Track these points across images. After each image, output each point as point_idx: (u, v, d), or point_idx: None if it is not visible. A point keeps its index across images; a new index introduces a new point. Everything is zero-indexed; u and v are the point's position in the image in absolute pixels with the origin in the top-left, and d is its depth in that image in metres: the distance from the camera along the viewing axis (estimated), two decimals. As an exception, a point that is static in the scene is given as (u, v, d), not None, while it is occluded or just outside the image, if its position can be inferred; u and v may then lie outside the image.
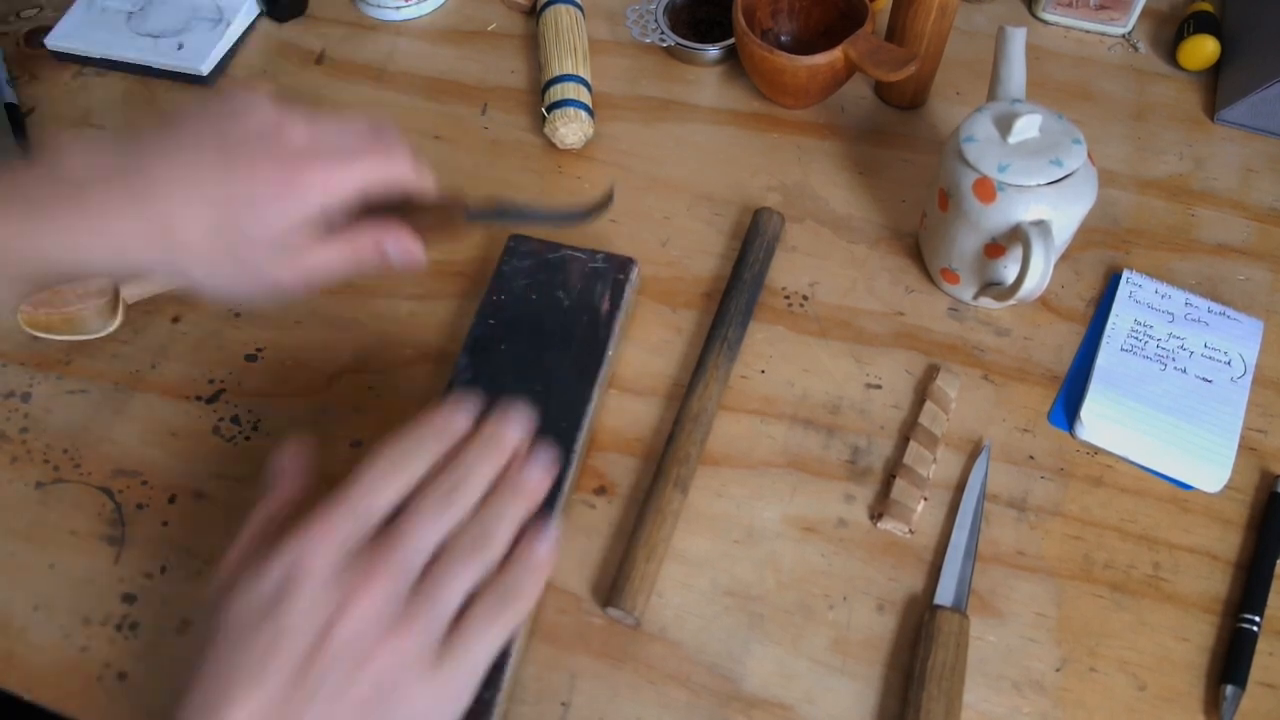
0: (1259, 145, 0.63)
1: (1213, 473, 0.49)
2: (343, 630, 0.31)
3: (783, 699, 0.43)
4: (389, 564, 0.32)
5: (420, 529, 0.33)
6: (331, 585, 0.31)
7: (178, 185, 0.37)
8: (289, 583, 0.31)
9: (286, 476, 0.38)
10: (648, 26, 0.68)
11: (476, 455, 0.36)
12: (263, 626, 0.30)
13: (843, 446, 0.50)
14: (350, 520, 0.33)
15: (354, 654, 0.31)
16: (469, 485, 0.35)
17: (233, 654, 0.30)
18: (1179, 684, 0.44)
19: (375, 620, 0.31)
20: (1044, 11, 0.70)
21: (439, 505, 0.34)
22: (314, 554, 0.31)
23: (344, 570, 0.32)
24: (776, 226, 0.57)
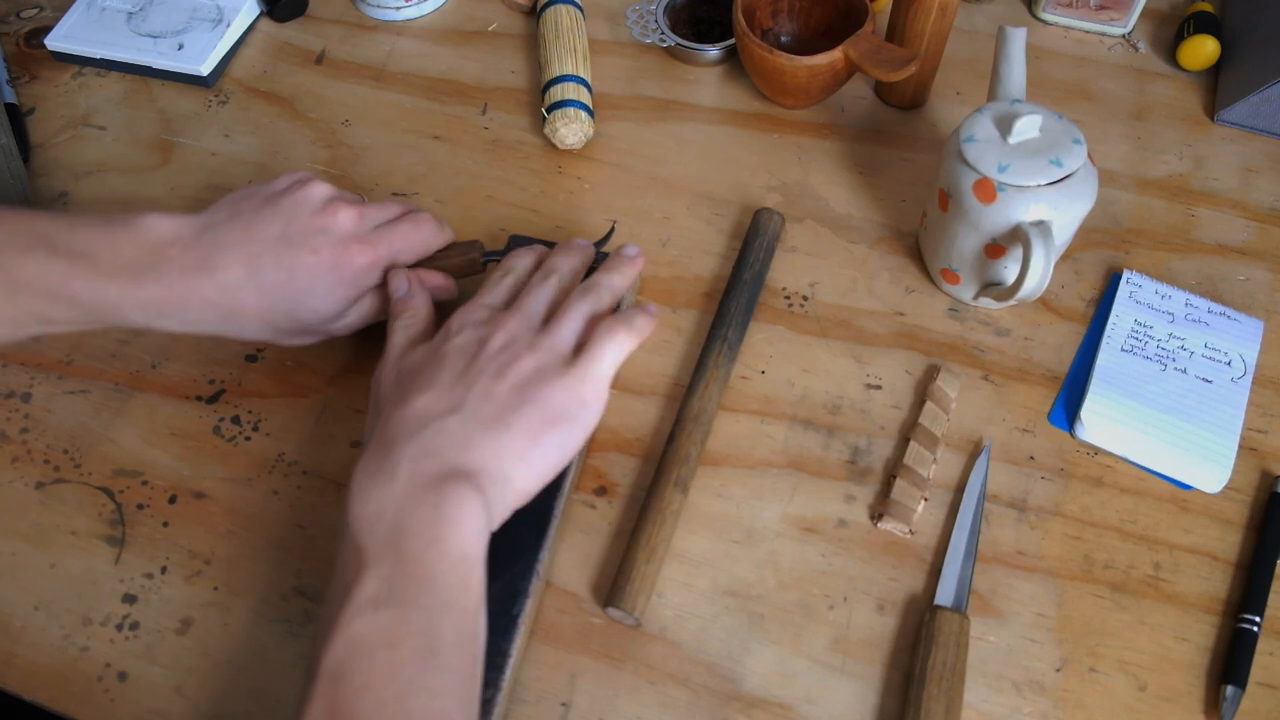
0: (1259, 145, 0.63)
1: (1213, 473, 0.49)
2: (490, 347, 0.41)
3: (783, 699, 0.43)
4: (518, 310, 0.43)
5: (535, 292, 0.44)
6: (481, 328, 0.42)
7: (241, 268, 0.44)
8: (447, 336, 0.42)
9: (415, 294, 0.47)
10: (648, 26, 0.68)
11: (560, 254, 0.47)
12: (431, 360, 0.41)
13: (843, 446, 0.50)
14: (482, 303, 0.44)
15: (500, 360, 0.40)
16: (560, 268, 0.46)
17: (411, 374, 0.41)
18: (1179, 684, 0.44)
19: (514, 340, 0.41)
20: (1044, 11, 0.70)
21: (541, 279, 0.45)
22: (464, 319, 0.43)
23: (488, 321, 0.43)
24: (776, 226, 0.57)
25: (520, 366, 0.40)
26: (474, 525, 0.36)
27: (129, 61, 0.67)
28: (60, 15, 0.69)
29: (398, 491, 0.36)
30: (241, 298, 0.44)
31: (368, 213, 0.47)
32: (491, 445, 0.38)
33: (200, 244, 0.44)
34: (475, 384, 0.40)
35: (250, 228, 0.44)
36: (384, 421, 0.40)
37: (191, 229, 0.44)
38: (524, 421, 0.39)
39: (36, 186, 0.62)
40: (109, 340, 0.55)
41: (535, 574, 0.44)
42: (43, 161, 0.63)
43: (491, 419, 0.39)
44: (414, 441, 0.38)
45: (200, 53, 0.66)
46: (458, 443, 0.38)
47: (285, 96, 0.67)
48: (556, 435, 0.40)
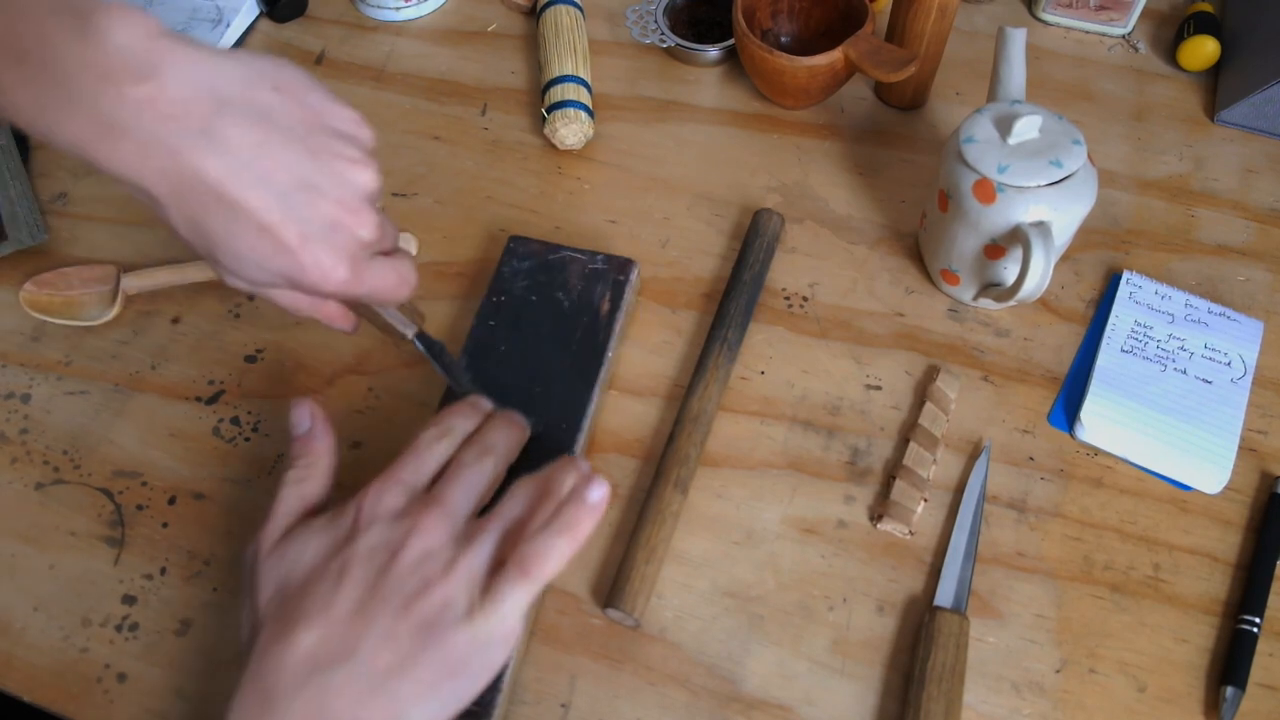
0: (1259, 145, 0.63)
1: (1213, 474, 0.49)
2: (400, 563, 0.35)
3: (782, 700, 0.43)
4: (438, 511, 0.37)
5: (465, 480, 0.39)
6: (391, 530, 0.36)
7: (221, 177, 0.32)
8: (355, 529, 0.36)
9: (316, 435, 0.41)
10: (648, 27, 0.68)
11: (499, 427, 0.42)
12: (332, 563, 0.36)
13: (843, 447, 0.50)
14: (405, 480, 0.38)
15: (409, 586, 0.35)
16: (496, 450, 0.41)
17: (306, 584, 0.35)
18: (1179, 685, 0.44)
19: (429, 555, 0.36)
20: (1044, 12, 0.70)
21: (474, 460, 0.40)
22: (375, 508, 0.37)
23: (401, 518, 0.37)
24: (776, 227, 0.57)
25: (428, 600, 0.35)
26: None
27: (129, 62, 0.67)
28: (60, 15, 0.69)
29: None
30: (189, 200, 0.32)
31: (386, 227, 0.39)
32: (387, 700, 0.33)
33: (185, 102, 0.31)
34: (375, 622, 0.34)
35: (265, 144, 0.33)
36: (263, 656, 0.34)
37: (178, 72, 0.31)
38: (424, 672, 0.34)
39: (36, 186, 0.62)
40: (109, 341, 0.55)
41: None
42: (43, 161, 0.63)
43: (388, 669, 0.34)
44: (299, 698, 0.33)
45: (200, 53, 0.66)
46: (350, 701, 0.33)
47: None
48: (458, 684, 0.35)
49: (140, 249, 0.58)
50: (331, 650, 0.34)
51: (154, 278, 0.56)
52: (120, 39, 0.30)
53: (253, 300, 0.56)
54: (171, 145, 0.31)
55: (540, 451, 0.46)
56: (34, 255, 0.58)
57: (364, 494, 0.38)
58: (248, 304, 0.56)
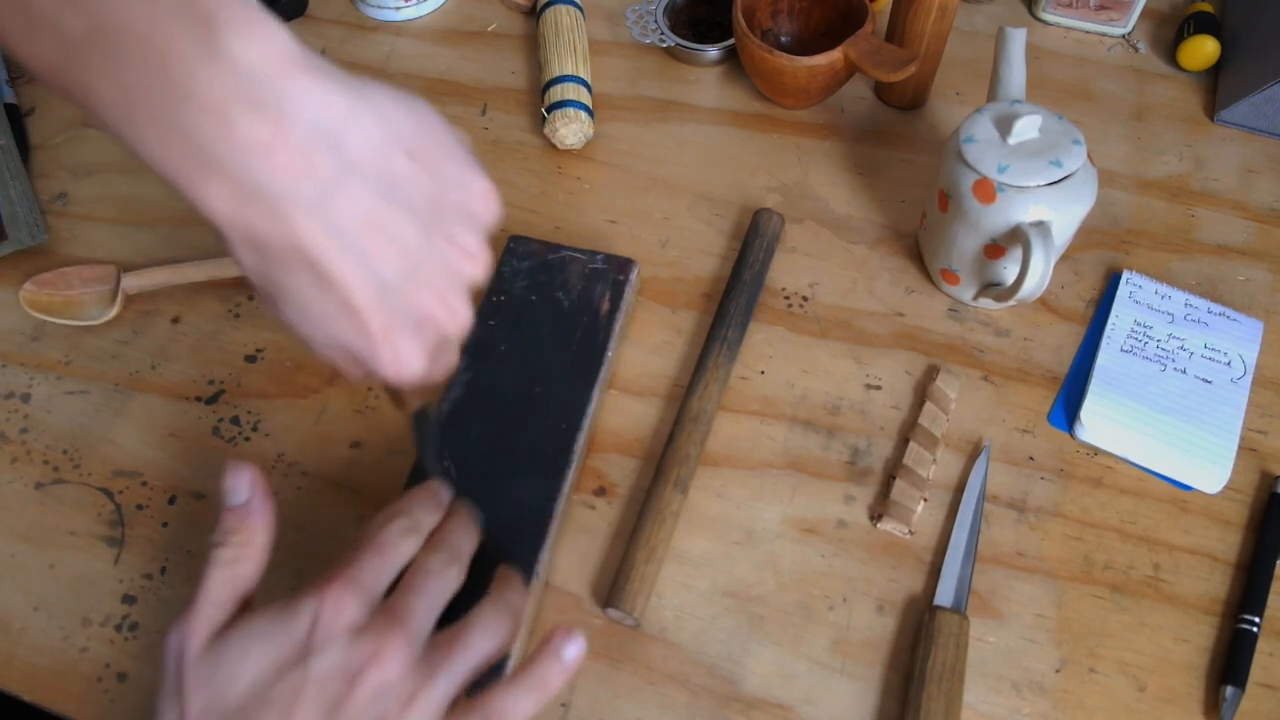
0: (1259, 145, 0.63)
1: (1212, 473, 0.49)
2: (355, 699, 0.31)
3: (782, 699, 0.43)
4: (403, 627, 0.33)
5: (428, 592, 0.34)
6: (351, 646, 0.32)
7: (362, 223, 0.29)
8: (312, 638, 0.31)
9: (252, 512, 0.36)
10: (647, 27, 0.68)
11: (460, 529, 0.38)
12: (279, 686, 0.31)
13: (843, 447, 0.50)
14: (366, 586, 0.34)
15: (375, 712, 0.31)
16: (461, 558, 0.37)
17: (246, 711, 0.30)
18: (1179, 685, 0.44)
19: (387, 690, 0.31)
20: (1044, 12, 0.70)
21: (442, 571, 0.35)
22: (336, 617, 0.32)
23: (364, 631, 0.32)
24: (776, 227, 0.57)
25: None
26: None
27: (129, 62, 0.67)
28: (60, 15, 0.69)
29: None
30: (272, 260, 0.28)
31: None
32: None
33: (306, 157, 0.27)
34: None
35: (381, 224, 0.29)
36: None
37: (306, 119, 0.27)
38: None
39: (36, 186, 0.62)
40: (109, 341, 0.55)
41: (535, 575, 0.44)
42: (43, 161, 0.63)
43: None
44: None
45: (200, 53, 0.66)
46: None
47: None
48: None
49: (140, 249, 0.58)
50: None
51: (154, 277, 0.56)
52: (250, 61, 0.25)
53: (252, 300, 0.56)
54: (276, 202, 0.26)
55: (534, 466, 0.46)
56: (34, 255, 0.58)
57: (321, 598, 0.32)
58: (248, 304, 0.56)
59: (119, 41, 0.25)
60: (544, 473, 0.47)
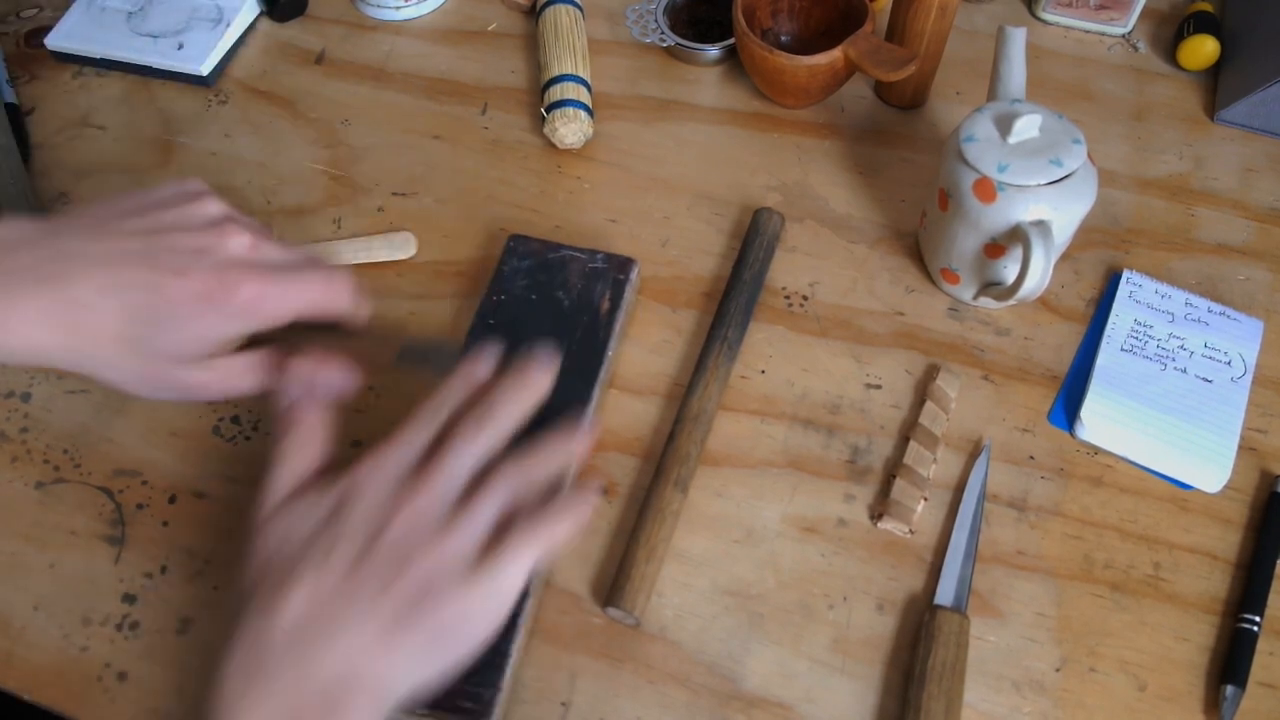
0: (1259, 145, 0.63)
1: (1213, 473, 0.49)
2: (393, 531, 0.35)
3: (783, 699, 0.43)
4: (433, 480, 0.37)
5: (458, 450, 0.38)
6: (384, 499, 0.36)
7: (95, 282, 0.36)
8: (347, 499, 0.36)
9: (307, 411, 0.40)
10: (647, 26, 0.68)
11: (501, 390, 0.40)
12: (324, 531, 0.36)
13: (843, 446, 0.50)
14: (398, 454, 0.38)
15: (398, 554, 0.35)
16: (496, 415, 0.39)
17: (297, 552, 0.35)
18: (1179, 684, 0.44)
19: (421, 525, 0.36)
20: (1044, 11, 0.70)
21: (472, 431, 0.38)
22: (369, 479, 0.37)
23: (395, 488, 0.37)
24: (776, 226, 0.57)
25: (418, 569, 0.35)
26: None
27: (129, 61, 0.67)
28: (60, 15, 0.69)
29: (277, 709, 0.32)
30: (92, 318, 0.36)
31: (265, 246, 0.39)
32: (375, 664, 0.34)
33: (43, 249, 0.36)
34: (364, 586, 0.34)
35: (108, 238, 0.37)
36: (258, 615, 0.34)
37: (36, 232, 0.36)
38: (413, 638, 0.34)
39: (36, 186, 0.62)
40: (109, 340, 0.55)
41: (535, 574, 0.44)
42: (43, 161, 0.63)
43: (378, 635, 0.34)
44: (293, 653, 0.33)
45: (200, 53, 0.66)
46: (344, 656, 0.33)
47: (285, 96, 0.67)
48: (449, 646, 0.35)
49: (140, 248, 0.58)
50: (320, 616, 0.34)
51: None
52: None
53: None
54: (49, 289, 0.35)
55: None
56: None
57: (359, 464, 0.37)
58: (248, 303, 0.56)
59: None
60: (544, 472, 0.47)
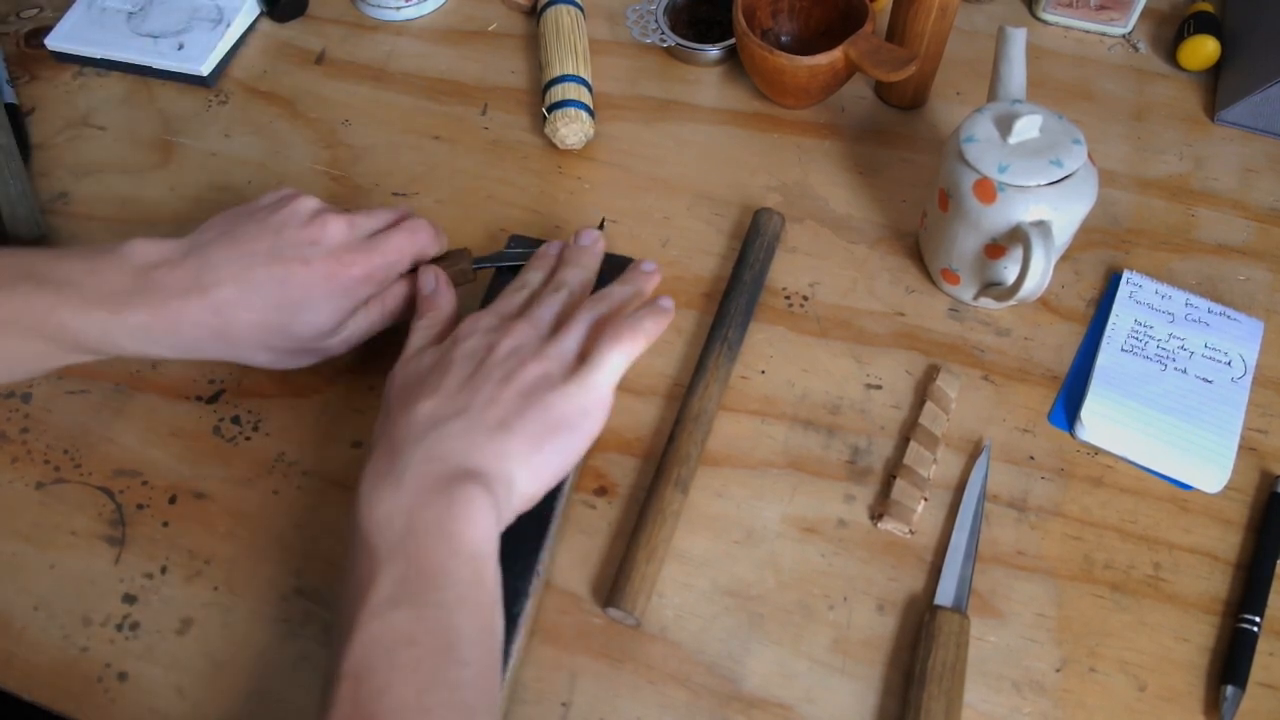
0: (1259, 145, 0.63)
1: (1213, 473, 0.49)
2: (496, 353, 0.41)
3: (783, 699, 0.43)
4: (527, 319, 0.44)
5: (545, 302, 0.45)
6: (487, 334, 0.43)
7: (236, 285, 0.43)
8: (455, 341, 0.43)
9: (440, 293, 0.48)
10: (648, 27, 0.68)
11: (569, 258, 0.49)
12: (438, 365, 0.42)
13: (843, 447, 0.50)
14: (495, 310, 0.45)
15: (505, 366, 0.41)
16: (569, 277, 0.47)
17: (418, 377, 0.42)
18: (1179, 684, 0.44)
19: (520, 347, 0.42)
20: (1044, 11, 0.70)
21: (555, 290, 0.46)
22: (473, 326, 0.44)
23: (495, 328, 0.43)
24: (776, 226, 0.57)
25: (525, 373, 0.40)
26: (484, 522, 0.37)
27: (129, 61, 0.67)
28: (60, 15, 0.69)
29: (407, 493, 0.37)
30: (235, 315, 0.43)
31: (358, 221, 0.47)
32: (496, 449, 0.39)
33: (188, 264, 0.43)
34: (480, 389, 0.40)
35: (239, 244, 0.44)
36: (390, 425, 0.40)
37: (178, 250, 0.44)
38: (527, 427, 0.39)
39: (37, 186, 0.62)
40: (109, 340, 0.55)
41: (535, 574, 0.44)
42: (43, 161, 0.63)
43: (496, 424, 0.39)
44: (420, 445, 0.38)
45: (200, 53, 0.66)
46: (463, 446, 0.38)
47: (285, 96, 0.67)
48: (559, 442, 0.40)
49: (141, 248, 0.58)
50: (446, 410, 0.39)
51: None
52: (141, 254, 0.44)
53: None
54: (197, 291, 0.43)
55: None
56: (34, 255, 0.58)
57: (463, 322, 0.44)
58: (248, 303, 0.56)
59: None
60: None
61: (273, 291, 0.44)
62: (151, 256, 0.43)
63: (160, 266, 0.43)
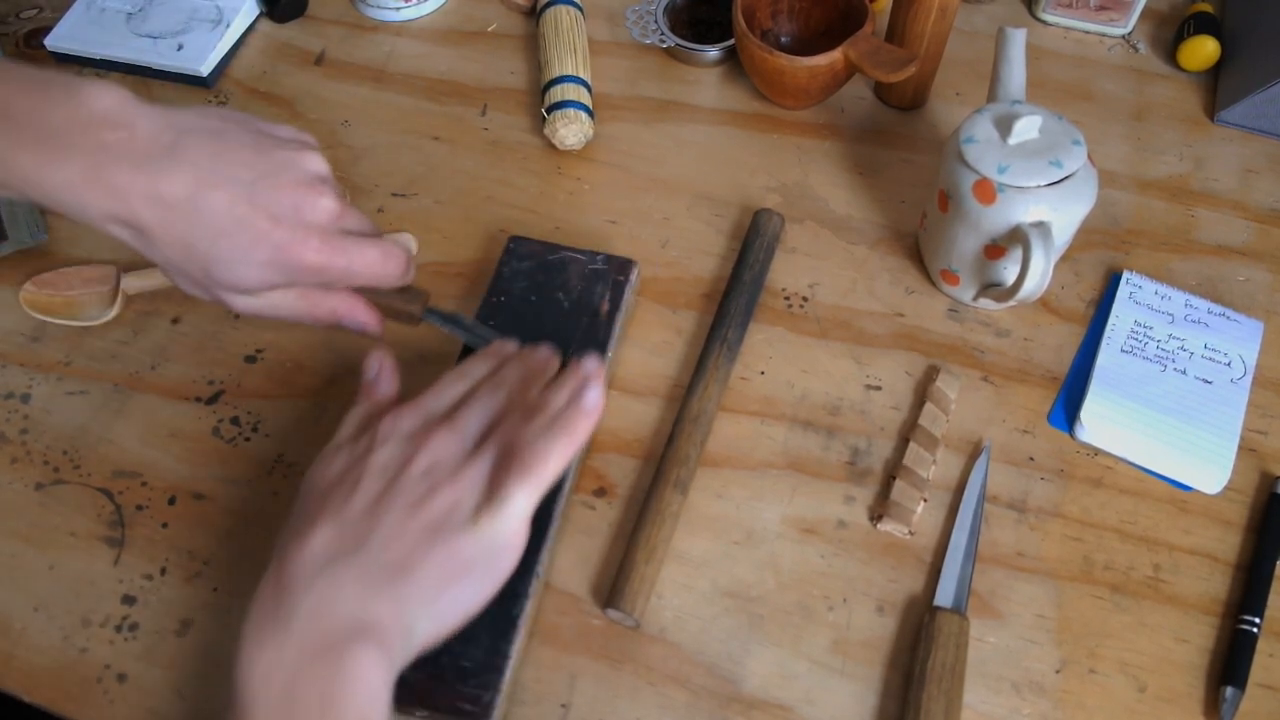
0: (1259, 145, 0.63)
1: (1212, 474, 0.49)
2: (410, 472, 0.37)
3: (782, 700, 0.43)
4: (452, 426, 0.39)
5: (477, 405, 0.41)
6: (407, 441, 0.39)
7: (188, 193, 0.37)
8: (373, 445, 0.39)
9: (381, 381, 0.44)
10: (647, 27, 0.68)
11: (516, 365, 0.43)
12: (348, 475, 0.38)
13: (842, 448, 0.50)
14: (422, 409, 0.41)
15: (416, 491, 0.37)
16: (510, 386, 0.42)
17: (323, 497, 0.38)
18: (1179, 685, 0.44)
19: (437, 465, 0.38)
20: (1044, 12, 0.70)
21: (493, 390, 0.41)
22: (393, 427, 0.39)
23: (416, 433, 0.39)
24: (776, 227, 0.57)
25: (434, 503, 0.36)
26: (375, 683, 0.33)
27: (129, 62, 0.67)
28: (60, 15, 0.69)
29: (292, 649, 0.33)
30: (169, 221, 0.37)
31: (348, 214, 0.42)
32: (393, 596, 0.35)
33: (152, 137, 0.37)
34: (383, 520, 0.36)
35: (220, 154, 0.38)
36: (284, 555, 0.36)
37: (146, 117, 0.37)
38: (430, 572, 0.35)
39: (36, 187, 0.61)
40: (109, 341, 0.55)
41: (535, 575, 0.44)
42: (42, 162, 0.63)
43: (395, 567, 0.35)
44: (311, 590, 0.34)
45: (200, 53, 0.66)
46: (357, 593, 0.34)
47: (285, 97, 0.67)
48: (465, 586, 0.36)
49: (140, 249, 0.58)
50: (343, 544, 0.35)
51: (154, 278, 0.56)
52: (101, 103, 0.37)
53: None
54: (147, 171, 0.36)
55: None
56: (34, 255, 0.58)
57: (384, 416, 0.40)
58: (248, 304, 0.56)
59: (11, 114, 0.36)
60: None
61: (222, 225, 0.38)
62: (110, 109, 0.37)
63: (116, 127, 0.36)
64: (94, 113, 0.36)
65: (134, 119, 0.37)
